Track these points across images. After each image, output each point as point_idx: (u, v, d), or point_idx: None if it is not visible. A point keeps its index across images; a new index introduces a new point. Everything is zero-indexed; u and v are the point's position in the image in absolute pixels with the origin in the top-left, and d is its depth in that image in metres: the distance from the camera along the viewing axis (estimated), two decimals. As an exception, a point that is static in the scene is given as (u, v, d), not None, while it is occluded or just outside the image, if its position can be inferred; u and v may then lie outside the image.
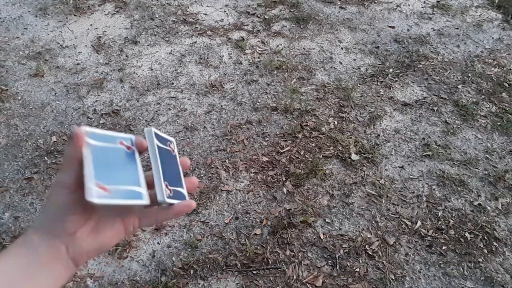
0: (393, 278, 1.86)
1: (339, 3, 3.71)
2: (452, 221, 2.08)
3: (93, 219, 0.48)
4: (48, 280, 0.44)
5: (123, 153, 0.50)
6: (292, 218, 2.06)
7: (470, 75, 2.97)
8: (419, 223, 2.07)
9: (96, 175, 0.45)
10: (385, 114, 2.66)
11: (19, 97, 2.74)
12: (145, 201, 0.48)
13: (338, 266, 1.90)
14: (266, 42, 3.24)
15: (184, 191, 0.53)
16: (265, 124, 2.57)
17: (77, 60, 3.04)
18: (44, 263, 0.44)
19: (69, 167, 0.45)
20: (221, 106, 2.69)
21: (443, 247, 1.98)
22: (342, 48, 3.20)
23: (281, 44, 3.21)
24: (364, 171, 2.31)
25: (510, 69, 3.02)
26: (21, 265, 0.43)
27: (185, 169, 0.56)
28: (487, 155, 2.41)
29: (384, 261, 1.92)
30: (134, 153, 0.51)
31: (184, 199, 0.52)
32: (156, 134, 0.53)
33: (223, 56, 3.10)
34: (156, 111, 2.65)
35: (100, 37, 3.25)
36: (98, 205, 0.44)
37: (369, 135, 2.52)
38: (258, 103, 2.71)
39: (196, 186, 0.55)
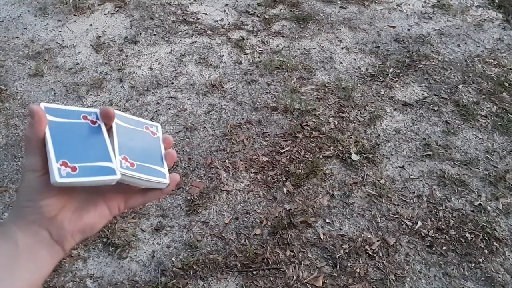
0: (394, 278, 1.86)
1: (339, 2, 3.71)
2: (452, 221, 2.07)
3: (74, 201, 0.46)
4: (31, 268, 0.43)
5: (88, 128, 0.47)
6: (292, 219, 2.06)
7: (470, 75, 2.96)
8: (419, 223, 2.06)
9: (59, 154, 0.42)
10: (386, 114, 2.66)
11: (19, 97, 2.74)
12: (118, 175, 0.45)
13: (338, 266, 1.89)
14: (266, 41, 3.24)
15: (163, 169, 0.50)
16: (265, 124, 2.57)
17: (76, 59, 3.04)
18: (25, 252, 0.42)
19: (34, 149, 0.43)
20: (221, 106, 2.69)
21: (444, 247, 1.97)
22: (342, 48, 3.20)
23: (281, 44, 3.21)
24: (364, 171, 2.30)
25: (510, 69, 3.01)
26: None
27: (168, 146, 0.54)
28: (487, 155, 2.41)
29: (384, 262, 1.91)
30: (100, 127, 0.48)
31: (164, 178, 0.50)
32: (121, 116, 0.51)
33: (223, 55, 3.09)
34: (156, 111, 2.64)
35: (99, 36, 3.25)
36: (65, 186, 0.42)
37: (369, 135, 2.51)
38: (258, 103, 2.70)
39: (174, 160, 0.53)
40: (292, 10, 3.60)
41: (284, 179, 2.25)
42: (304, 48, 3.18)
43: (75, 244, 0.47)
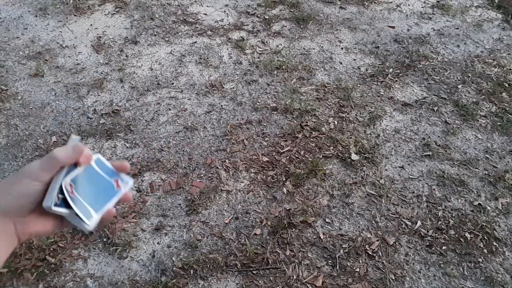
0: (393, 278, 1.86)
1: (339, 3, 3.71)
2: (452, 221, 2.08)
3: (40, 209, 0.53)
4: None
5: (109, 187, 0.57)
6: (292, 218, 2.06)
7: (470, 75, 2.97)
8: (419, 223, 2.07)
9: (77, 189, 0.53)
10: (385, 114, 2.66)
11: (19, 97, 2.74)
12: (85, 224, 0.54)
13: (338, 266, 1.90)
14: (266, 42, 3.24)
15: (94, 216, 0.55)
16: (265, 124, 2.57)
17: (77, 60, 3.04)
18: None
19: (53, 167, 0.52)
20: (221, 106, 2.69)
21: (443, 247, 1.98)
22: (342, 48, 3.20)
23: (281, 44, 3.21)
24: (364, 171, 2.31)
25: (510, 69, 3.02)
26: None
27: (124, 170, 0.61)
28: (487, 155, 2.41)
29: (384, 261, 1.92)
30: (120, 191, 0.58)
31: (88, 220, 0.55)
32: (100, 163, 0.58)
33: (223, 56, 3.10)
34: (156, 111, 2.65)
35: (100, 37, 3.25)
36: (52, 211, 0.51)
37: (369, 135, 2.52)
38: (258, 103, 2.71)
39: (111, 216, 0.59)
40: (292, 10, 3.61)
41: (284, 179, 2.25)
42: (304, 49, 3.19)
43: (27, 240, 0.55)
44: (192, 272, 1.87)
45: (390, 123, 2.60)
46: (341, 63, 3.06)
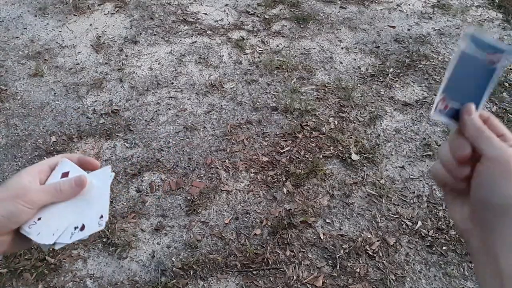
0: (394, 278, 1.86)
1: (339, 2, 3.70)
2: (452, 221, 2.07)
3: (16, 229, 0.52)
4: None
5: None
6: (292, 219, 2.06)
7: (470, 74, 2.96)
8: (419, 223, 2.06)
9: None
10: (386, 114, 2.66)
11: (19, 97, 2.74)
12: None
13: (338, 266, 1.89)
14: (266, 41, 3.24)
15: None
16: (265, 124, 2.57)
17: (76, 60, 3.04)
18: None
19: (57, 199, 0.53)
20: (221, 106, 2.69)
21: (444, 248, 1.97)
22: (342, 48, 3.20)
23: (281, 44, 3.21)
24: (364, 171, 2.30)
25: (510, 69, 3.01)
26: None
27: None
28: (487, 155, 2.40)
29: (384, 262, 1.91)
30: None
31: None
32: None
33: (223, 55, 3.09)
34: (156, 111, 2.64)
35: (99, 36, 3.25)
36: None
37: (369, 135, 2.51)
38: (258, 103, 2.70)
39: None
40: (292, 10, 3.60)
41: (284, 179, 2.25)
42: (304, 48, 3.18)
43: None
44: (192, 273, 1.86)
45: (390, 123, 2.60)
46: (341, 62, 3.06)
